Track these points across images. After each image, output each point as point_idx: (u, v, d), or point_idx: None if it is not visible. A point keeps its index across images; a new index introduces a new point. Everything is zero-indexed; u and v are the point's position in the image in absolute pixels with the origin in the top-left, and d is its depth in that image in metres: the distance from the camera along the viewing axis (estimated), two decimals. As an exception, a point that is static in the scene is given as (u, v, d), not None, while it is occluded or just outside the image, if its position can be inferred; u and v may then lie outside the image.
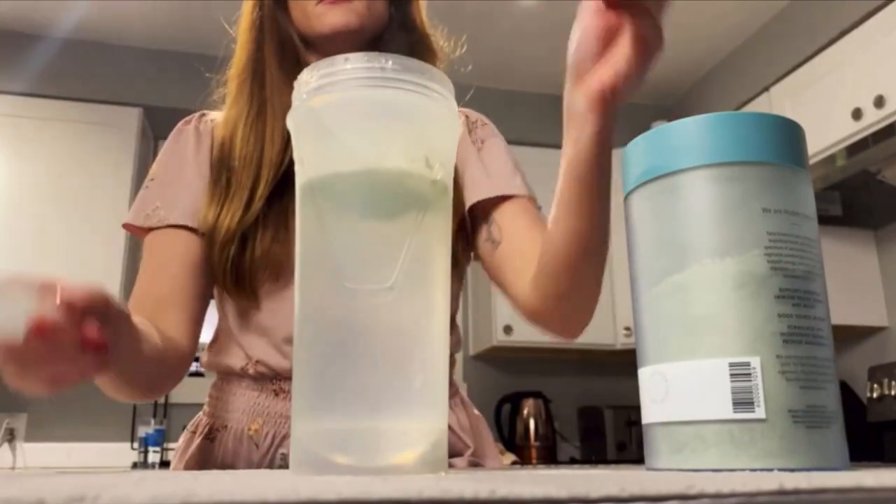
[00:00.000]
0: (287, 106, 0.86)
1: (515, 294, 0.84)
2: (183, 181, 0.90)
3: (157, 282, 0.86)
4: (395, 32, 0.93)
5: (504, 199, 0.89)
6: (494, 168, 0.91)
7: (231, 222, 0.84)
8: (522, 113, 3.42)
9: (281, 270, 0.86)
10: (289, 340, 0.85)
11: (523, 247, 0.85)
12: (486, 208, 0.90)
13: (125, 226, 0.91)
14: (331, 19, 0.86)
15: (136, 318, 0.73)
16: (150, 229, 0.88)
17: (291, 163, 0.85)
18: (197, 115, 0.96)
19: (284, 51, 0.90)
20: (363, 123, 0.45)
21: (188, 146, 0.92)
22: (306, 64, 0.90)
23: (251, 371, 0.87)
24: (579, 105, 0.61)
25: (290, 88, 0.87)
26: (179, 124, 0.96)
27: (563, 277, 0.75)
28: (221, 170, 0.88)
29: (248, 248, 0.84)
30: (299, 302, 0.46)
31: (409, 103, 0.45)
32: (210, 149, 0.91)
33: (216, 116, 0.95)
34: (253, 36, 0.91)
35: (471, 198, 0.90)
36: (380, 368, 0.42)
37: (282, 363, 0.86)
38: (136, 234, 0.91)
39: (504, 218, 0.88)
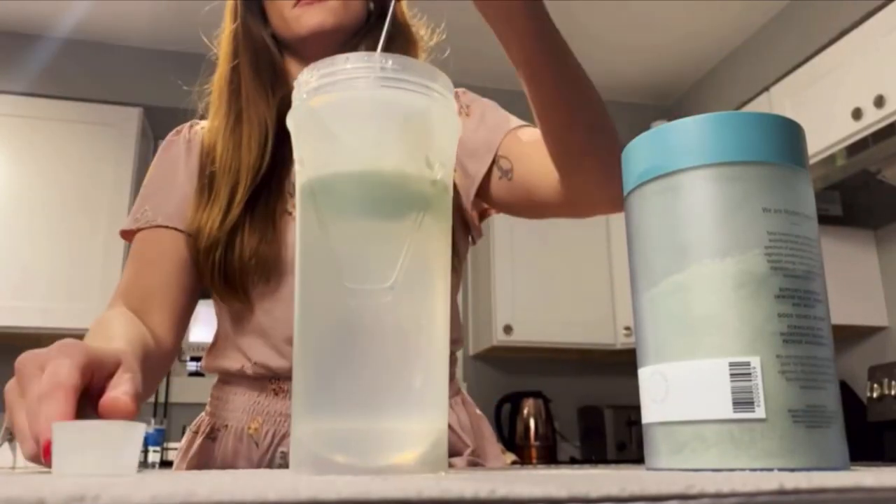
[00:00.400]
0: (262, 114, 0.90)
1: (550, 194, 0.81)
2: (173, 186, 0.92)
3: (145, 276, 0.88)
4: (374, 25, 0.93)
5: (505, 137, 0.90)
6: (486, 127, 0.91)
7: (212, 227, 0.85)
8: (522, 113, 3.41)
9: (271, 271, 0.87)
10: (287, 340, 0.86)
11: (536, 153, 0.83)
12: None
13: (122, 235, 0.93)
14: (307, 21, 0.87)
15: (130, 328, 0.75)
16: (139, 230, 0.90)
17: (269, 168, 0.88)
18: (187, 125, 0.99)
19: (259, 60, 0.92)
20: (363, 123, 0.45)
21: (179, 154, 0.95)
22: (282, 71, 0.93)
23: (250, 372, 0.88)
24: (497, 10, 0.61)
25: (265, 97, 0.91)
26: (170, 135, 0.99)
27: (583, 151, 0.73)
28: (205, 177, 0.90)
29: (235, 251, 0.85)
30: (299, 302, 0.46)
31: (409, 103, 0.45)
32: (199, 156, 0.93)
33: (205, 125, 0.97)
34: (230, 47, 0.93)
35: (481, 165, 0.90)
36: (380, 368, 0.42)
37: (280, 363, 0.86)
38: (128, 238, 0.93)
39: (510, 149, 0.88)
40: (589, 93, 0.71)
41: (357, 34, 0.92)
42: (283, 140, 0.91)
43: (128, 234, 0.92)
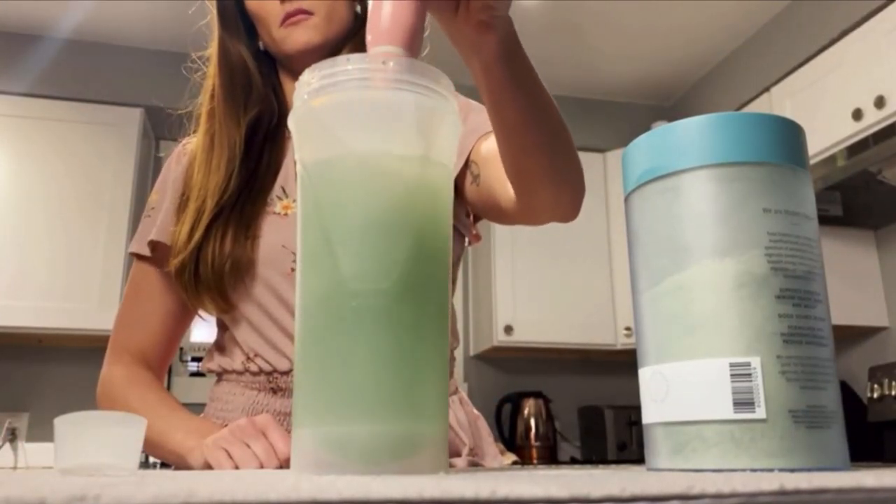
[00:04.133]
0: (231, 137, 0.93)
1: (507, 203, 0.82)
2: (163, 202, 0.98)
3: (140, 321, 0.97)
4: (360, 27, 0.94)
5: (477, 141, 0.90)
6: (465, 131, 0.91)
7: (180, 246, 0.90)
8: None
9: (245, 271, 0.89)
10: (282, 334, 0.87)
11: (499, 161, 0.81)
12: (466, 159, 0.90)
13: (130, 254, 1.00)
14: (294, 40, 0.90)
15: (161, 390, 0.93)
16: (139, 257, 0.97)
17: (245, 183, 0.91)
18: (181, 143, 1.03)
19: (234, 81, 0.95)
20: (364, 123, 0.45)
21: (169, 174, 1.00)
22: (258, 90, 0.95)
23: (252, 367, 0.89)
24: (468, 34, 0.59)
25: (236, 118, 0.94)
26: (172, 154, 1.04)
27: (539, 175, 0.73)
28: (181, 196, 0.96)
29: (207, 263, 0.89)
30: (300, 301, 0.46)
31: (409, 103, 0.45)
32: (184, 173, 0.98)
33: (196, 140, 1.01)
34: (211, 70, 0.96)
35: (455, 168, 0.90)
36: (380, 368, 0.42)
37: (277, 358, 0.87)
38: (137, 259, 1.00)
39: (479, 154, 0.88)
40: (551, 122, 0.70)
41: (345, 38, 0.92)
42: (272, 149, 0.95)
43: (133, 254, 0.98)
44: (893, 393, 2.53)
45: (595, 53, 3.31)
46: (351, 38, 0.93)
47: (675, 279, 0.43)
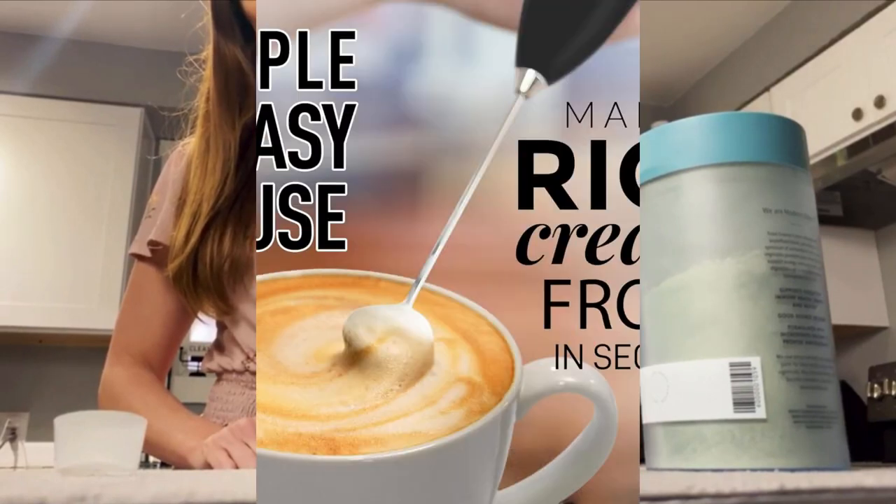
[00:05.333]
0: (227, 140, 0.93)
1: None
2: (163, 206, 0.97)
3: (141, 324, 0.96)
4: None
5: None
6: None
7: (177, 248, 0.90)
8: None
9: (244, 270, 0.89)
10: None
11: None
12: None
13: (131, 255, 0.99)
14: None
15: (163, 392, 0.93)
16: (140, 258, 0.97)
17: (233, 192, 0.91)
18: (180, 145, 1.03)
19: (228, 83, 0.94)
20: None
21: (168, 175, 1.00)
22: (254, 93, 0.93)
23: (252, 367, 0.89)
24: None
25: (231, 122, 0.94)
26: (172, 155, 1.03)
27: None
28: (178, 198, 0.95)
29: (205, 265, 0.89)
30: (300, 302, 0.46)
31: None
32: (183, 174, 0.97)
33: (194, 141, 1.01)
34: (206, 73, 0.96)
35: None
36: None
37: None
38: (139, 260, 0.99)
39: None
40: None
41: None
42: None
43: (133, 255, 0.98)
44: (893, 393, 2.53)
45: (595, 53, 3.30)
46: None
47: (676, 279, 0.43)
